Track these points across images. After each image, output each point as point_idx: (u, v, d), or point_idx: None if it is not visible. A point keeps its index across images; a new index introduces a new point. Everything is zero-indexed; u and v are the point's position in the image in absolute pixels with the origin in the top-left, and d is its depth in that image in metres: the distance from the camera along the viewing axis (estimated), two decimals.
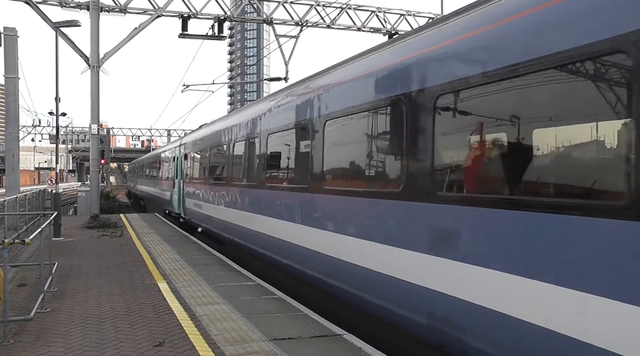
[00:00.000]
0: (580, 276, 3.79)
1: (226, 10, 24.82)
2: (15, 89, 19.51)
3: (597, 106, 3.92)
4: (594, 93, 3.91)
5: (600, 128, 3.95)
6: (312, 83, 9.04)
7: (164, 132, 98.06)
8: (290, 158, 9.86)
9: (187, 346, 6.20)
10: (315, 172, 8.24)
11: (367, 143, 7.07)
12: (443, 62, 5.43)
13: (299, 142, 9.24)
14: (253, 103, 13.58)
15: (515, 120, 4.61)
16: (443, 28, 5.71)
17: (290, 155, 9.76)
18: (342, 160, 7.87)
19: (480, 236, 4.78)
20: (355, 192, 7.05)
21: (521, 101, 4.50)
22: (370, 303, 6.58)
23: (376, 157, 6.93)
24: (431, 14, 28.05)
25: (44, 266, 8.86)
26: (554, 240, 4.00)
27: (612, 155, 3.84)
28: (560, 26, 4.12)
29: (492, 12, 4.97)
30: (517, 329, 4.26)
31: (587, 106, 4.04)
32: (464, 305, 4.81)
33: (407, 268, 5.71)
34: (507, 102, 4.64)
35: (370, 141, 6.99)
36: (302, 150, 8.97)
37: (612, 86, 3.80)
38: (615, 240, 3.60)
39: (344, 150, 7.76)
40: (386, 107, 6.48)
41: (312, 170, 8.30)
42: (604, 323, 3.62)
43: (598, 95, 3.87)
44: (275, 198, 9.99)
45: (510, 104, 4.61)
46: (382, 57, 6.89)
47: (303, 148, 8.93)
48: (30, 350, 6.17)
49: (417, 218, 5.69)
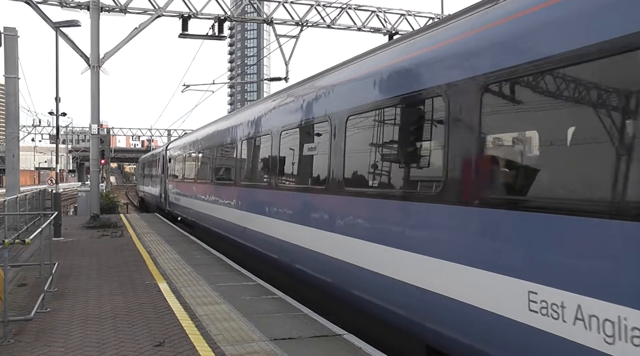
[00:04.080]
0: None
1: (226, 10, 24.80)
2: (15, 89, 19.52)
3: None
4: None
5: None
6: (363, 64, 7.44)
7: (164, 132, 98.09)
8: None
9: (187, 346, 6.19)
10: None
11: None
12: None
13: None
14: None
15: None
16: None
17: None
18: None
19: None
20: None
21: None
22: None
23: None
24: (431, 14, 28.04)
25: (44, 266, 8.87)
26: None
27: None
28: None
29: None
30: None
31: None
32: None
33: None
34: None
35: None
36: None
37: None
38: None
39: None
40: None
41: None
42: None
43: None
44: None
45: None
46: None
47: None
48: (30, 350, 6.17)
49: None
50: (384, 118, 6.50)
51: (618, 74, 3.72)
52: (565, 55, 3.97)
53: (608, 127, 3.75)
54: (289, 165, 9.69)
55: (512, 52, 4.51)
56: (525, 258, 4.23)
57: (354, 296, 6.89)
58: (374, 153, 6.70)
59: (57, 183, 23.42)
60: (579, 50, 3.87)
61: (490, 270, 4.51)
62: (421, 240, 5.52)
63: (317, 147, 8.39)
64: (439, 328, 5.20)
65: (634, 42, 3.49)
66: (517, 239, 4.33)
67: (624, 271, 3.49)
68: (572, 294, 3.77)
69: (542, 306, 4.00)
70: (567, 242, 3.89)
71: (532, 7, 4.43)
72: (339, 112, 7.51)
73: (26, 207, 19.13)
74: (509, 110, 4.73)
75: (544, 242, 4.07)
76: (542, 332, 3.99)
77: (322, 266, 7.74)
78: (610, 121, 3.74)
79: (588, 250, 3.74)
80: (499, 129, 4.93)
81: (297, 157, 9.31)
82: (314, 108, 8.45)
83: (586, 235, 3.76)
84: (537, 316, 4.03)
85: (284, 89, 10.96)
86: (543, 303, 3.99)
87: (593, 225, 3.71)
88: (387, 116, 6.44)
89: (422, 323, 5.44)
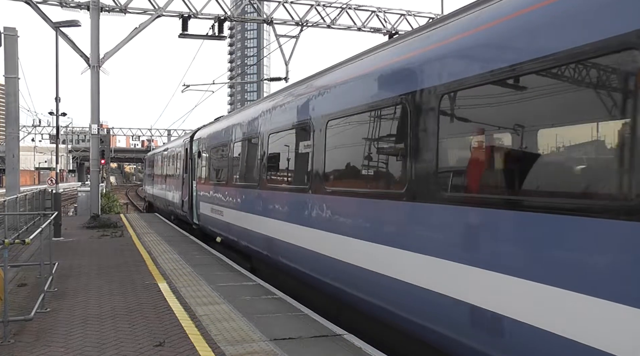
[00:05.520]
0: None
1: (226, 10, 24.82)
2: (15, 89, 19.53)
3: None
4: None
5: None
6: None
7: (164, 132, 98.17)
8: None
9: (188, 346, 6.19)
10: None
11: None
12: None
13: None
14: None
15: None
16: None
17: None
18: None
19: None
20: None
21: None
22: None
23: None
24: (431, 14, 28.04)
25: (44, 266, 8.86)
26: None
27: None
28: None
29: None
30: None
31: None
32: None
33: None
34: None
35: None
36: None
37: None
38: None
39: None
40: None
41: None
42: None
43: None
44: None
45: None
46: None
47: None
48: (30, 350, 6.17)
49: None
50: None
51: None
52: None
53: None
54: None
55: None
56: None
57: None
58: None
59: (57, 183, 23.45)
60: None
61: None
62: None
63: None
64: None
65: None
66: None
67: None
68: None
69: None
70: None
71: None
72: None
73: (26, 207, 19.14)
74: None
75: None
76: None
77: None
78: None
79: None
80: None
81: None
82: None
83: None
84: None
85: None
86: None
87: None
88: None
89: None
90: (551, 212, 4.08)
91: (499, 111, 4.78)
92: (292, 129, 9.39)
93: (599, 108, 3.91)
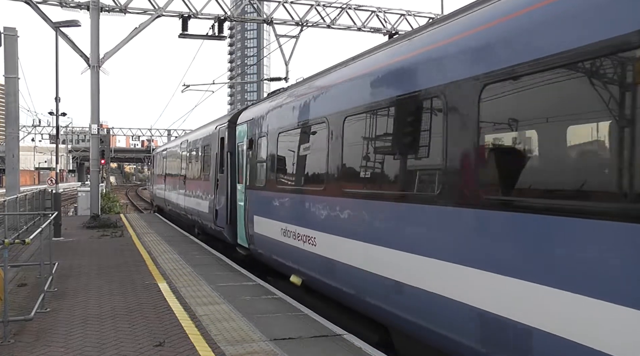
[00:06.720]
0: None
1: (226, 10, 24.80)
2: (15, 89, 19.52)
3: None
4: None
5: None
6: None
7: (164, 132, 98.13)
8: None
9: (187, 346, 6.20)
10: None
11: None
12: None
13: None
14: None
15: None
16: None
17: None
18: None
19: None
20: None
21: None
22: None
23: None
24: (431, 14, 28.03)
25: (44, 266, 8.87)
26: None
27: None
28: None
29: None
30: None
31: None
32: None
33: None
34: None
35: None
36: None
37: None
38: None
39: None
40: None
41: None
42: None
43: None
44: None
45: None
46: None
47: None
48: (30, 350, 6.17)
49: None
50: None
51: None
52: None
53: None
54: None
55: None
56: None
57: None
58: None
59: (57, 183, 23.47)
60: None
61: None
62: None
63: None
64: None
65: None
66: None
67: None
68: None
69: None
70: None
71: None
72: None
73: (26, 207, 19.14)
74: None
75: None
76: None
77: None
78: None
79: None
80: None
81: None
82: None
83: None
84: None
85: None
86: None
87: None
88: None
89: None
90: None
91: (553, 104, 4.21)
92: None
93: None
